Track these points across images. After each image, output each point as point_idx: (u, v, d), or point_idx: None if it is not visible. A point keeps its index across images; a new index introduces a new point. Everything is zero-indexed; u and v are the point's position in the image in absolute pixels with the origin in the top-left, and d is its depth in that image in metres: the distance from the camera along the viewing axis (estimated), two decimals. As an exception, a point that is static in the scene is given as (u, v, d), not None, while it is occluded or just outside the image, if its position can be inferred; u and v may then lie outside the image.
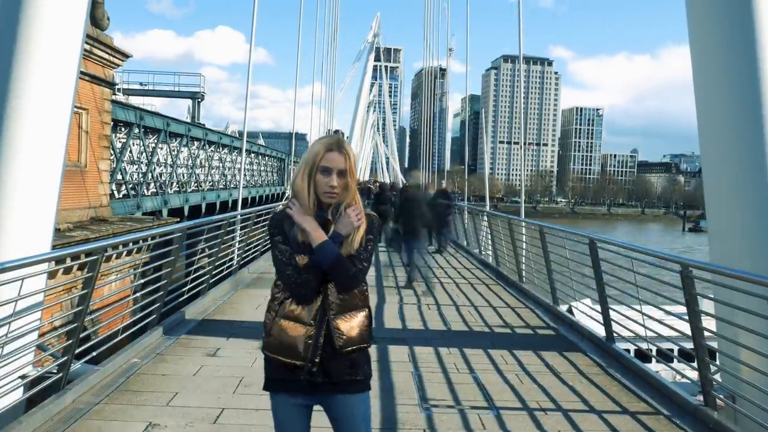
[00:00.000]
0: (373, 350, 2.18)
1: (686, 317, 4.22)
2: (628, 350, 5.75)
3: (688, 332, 4.21)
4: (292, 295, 2.02)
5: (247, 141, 15.04)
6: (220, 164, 29.34)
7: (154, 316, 5.65)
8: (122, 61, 13.92)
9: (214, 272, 7.85)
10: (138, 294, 5.78)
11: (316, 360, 1.99)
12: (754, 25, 4.58)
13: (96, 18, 12.22)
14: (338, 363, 2.02)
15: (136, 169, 19.13)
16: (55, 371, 4.05)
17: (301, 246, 2.01)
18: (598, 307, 5.96)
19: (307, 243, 2.00)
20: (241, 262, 9.81)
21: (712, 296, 4.43)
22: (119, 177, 17.54)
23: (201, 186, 26.13)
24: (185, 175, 24.02)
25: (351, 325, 2.03)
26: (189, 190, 24.16)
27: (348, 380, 2.05)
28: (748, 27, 4.59)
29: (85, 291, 4.18)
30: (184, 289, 6.76)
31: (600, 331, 5.99)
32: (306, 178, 2.02)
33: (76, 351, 4.20)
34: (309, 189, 2.02)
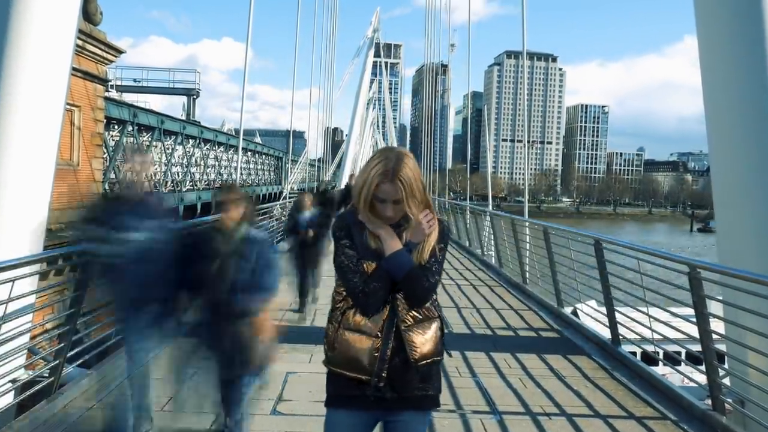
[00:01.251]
0: None
1: (694, 319, 4.22)
2: (634, 353, 5.75)
3: (696, 335, 4.21)
4: (356, 304, 1.93)
5: (243, 139, 15.04)
6: (216, 163, 29.35)
7: (148, 318, 5.63)
8: (116, 57, 13.91)
9: (209, 273, 7.83)
10: (132, 296, 5.76)
11: (383, 374, 1.90)
12: (763, 23, 4.58)
13: (89, 13, 12.21)
14: (408, 377, 1.93)
15: (130, 168, 19.12)
16: (47, 375, 4.05)
17: (371, 253, 1.93)
18: (603, 309, 5.96)
19: (380, 251, 1.92)
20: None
21: (720, 298, 4.43)
22: (112, 176, 17.54)
23: (196, 185, 26.13)
24: (180, 173, 24.03)
25: (425, 337, 1.95)
26: (184, 190, 24.15)
27: (419, 395, 1.97)
28: (757, 25, 4.59)
29: (78, 293, 4.18)
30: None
31: (605, 333, 5.99)
32: (366, 204, 1.93)
33: (68, 354, 4.19)
34: (369, 211, 1.94)
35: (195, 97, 34.29)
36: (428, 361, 1.97)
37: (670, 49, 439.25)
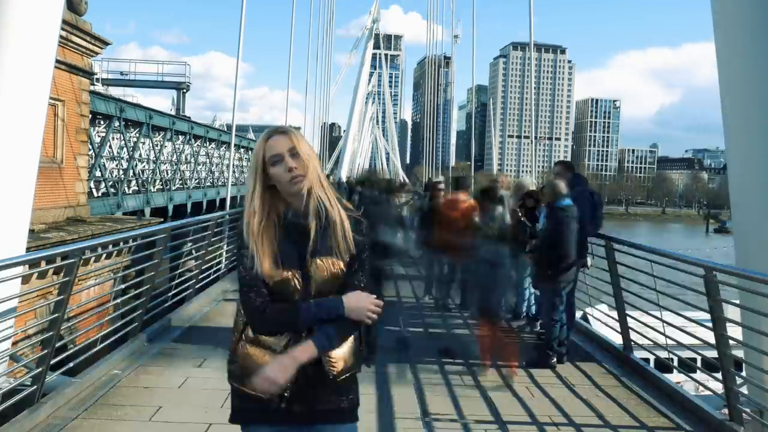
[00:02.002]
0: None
1: (709, 324, 4.22)
2: (647, 360, 5.76)
3: (712, 341, 4.21)
4: (249, 321, 1.91)
5: (235, 135, 15.05)
6: (207, 160, 29.34)
7: (136, 323, 5.65)
8: (101, 48, 13.92)
9: (200, 276, 7.85)
10: (119, 300, 5.78)
11: (286, 393, 1.84)
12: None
13: (73, 3, 12.22)
14: (319, 391, 1.88)
15: (117, 166, 19.12)
16: (29, 383, 4.05)
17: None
18: (614, 314, 5.96)
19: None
20: (230, 266, 9.81)
21: (737, 302, 4.43)
22: (98, 174, 17.53)
23: (186, 183, 26.13)
24: (169, 171, 24.02)
25: (344, 350, 1.91)
26: (173, 188, 24.15)
27: (331, 409, 1.91)
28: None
29: (62, 297, 4.18)
30: (168, 295, 6.76)
31: (617, 339, 5.99)
32: (259, 185, 1.87)
33: (52, 361, 4.19)
34: (264, 200, 1.87)
35: (185, 90, 34.28)
36: (347, 374, 1.93)
37: (611, 62, 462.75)
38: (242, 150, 36.80)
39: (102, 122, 17.85)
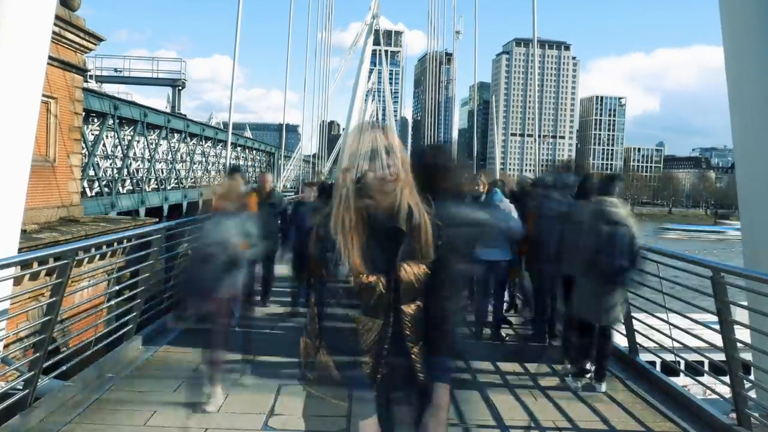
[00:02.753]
0: None
1: (717, 327, 4.22)
2: (653, 363, 5.76)
3: (720, 343, 4.21)
4: None
5: (232, 133, 15.04)
6: (203, 159, 29.33)
7: (131, 325, 5.65)
8: (95, 45, 13.91)
9: (196, 278, 7.84)
10: (113, 301, 5.78)
11: None
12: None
13: (66, -3, 12.21)
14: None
15: (111, 165, 19.12)
16: (21, 387, 4.05)
17: None
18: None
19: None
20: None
21: (745, 304, 4.43)
22: (92, 173, 17.52)
23: (182, 183, 26.12)
24: (164, 170, 24.01)
25: None
26: (168, 188, 24.15)
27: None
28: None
29: (54, 298, 4.18)
30: (163, 296, 6.76)
31: (622, 342, 5.99)
32: (351, 181, 1.80)
33: (44, 365, 4.19)
34: (355, 197, 1.81)
35: (181, 88, 34.27)
36: None
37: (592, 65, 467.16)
38: (239, 148, 36.78)
39: (96, 120, 17.84)
